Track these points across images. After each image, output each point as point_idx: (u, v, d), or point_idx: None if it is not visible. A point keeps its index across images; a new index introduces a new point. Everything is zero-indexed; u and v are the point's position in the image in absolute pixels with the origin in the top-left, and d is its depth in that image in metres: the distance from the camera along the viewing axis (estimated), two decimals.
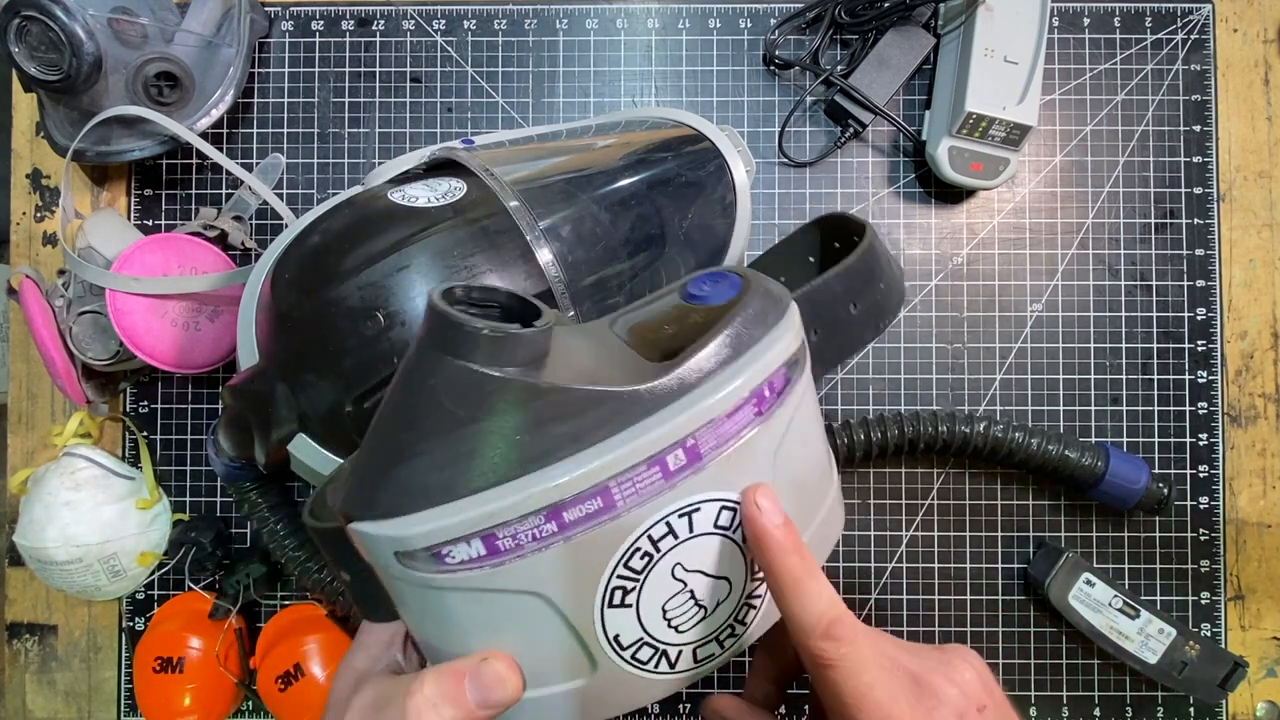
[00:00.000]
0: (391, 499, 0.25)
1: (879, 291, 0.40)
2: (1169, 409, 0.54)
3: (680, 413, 0.25)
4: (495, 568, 0.25)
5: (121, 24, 0.47)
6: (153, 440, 0.54)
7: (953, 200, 0.55)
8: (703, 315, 0.28)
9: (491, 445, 0.24)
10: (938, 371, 0.54)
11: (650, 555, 0.26)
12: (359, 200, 0.41)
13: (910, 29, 0.53)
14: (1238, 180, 0.55)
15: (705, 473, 0.26)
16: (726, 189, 0.46)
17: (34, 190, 0.56)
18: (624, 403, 0.25)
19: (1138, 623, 0.49)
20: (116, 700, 0.54)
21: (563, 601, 0.26)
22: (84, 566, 0.49)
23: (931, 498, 0.54)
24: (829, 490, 0.32)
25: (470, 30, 0.56)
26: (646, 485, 0.25)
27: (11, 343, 0.56)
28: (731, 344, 0.27)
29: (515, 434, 0.24)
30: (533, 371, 0.24)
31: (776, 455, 0.28)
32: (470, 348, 0.24)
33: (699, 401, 0.26)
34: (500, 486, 0.24)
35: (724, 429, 0.26)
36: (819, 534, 0.31)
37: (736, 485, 0.27)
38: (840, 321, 0.38)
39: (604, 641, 0.27)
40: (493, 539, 0.24)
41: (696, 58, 0.56)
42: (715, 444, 0.26)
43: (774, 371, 0.27)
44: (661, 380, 0.25)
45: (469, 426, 0.24)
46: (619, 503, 0.25)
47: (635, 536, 0.26)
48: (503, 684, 0.26)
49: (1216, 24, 0.55)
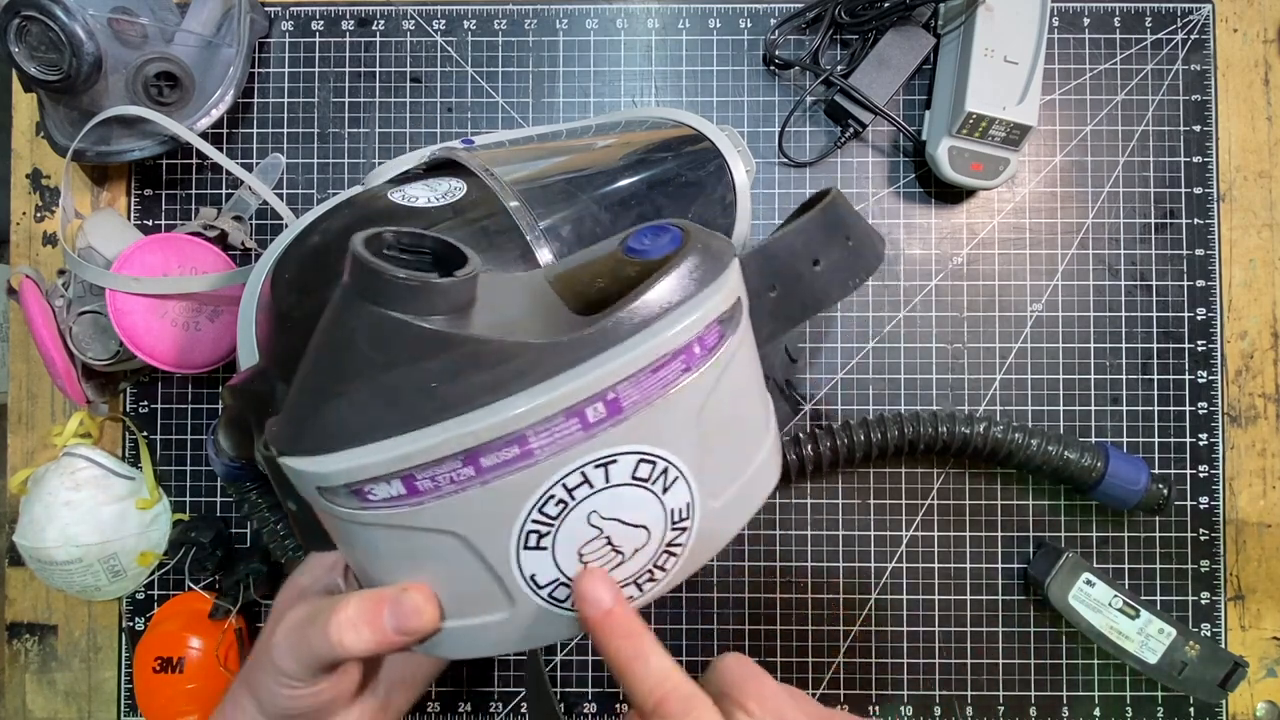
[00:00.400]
0: (314, 438, 0.26)
1: (845, 247, 0.40)
2: (1169, 409, 0.54)
3: (601, 365, 0.25)
4: (414, 507, 0.26)
5: (121, 24, 0.47)
6: (153, 440, 0.54)
7: (953, 200, 0.55)
8: (638, 269, 0.28)
9: (409, 391, 0.25)
10: (938, 371, 0.54)
11: (565, 503, 0.27)
12: (359, 200, 0.41)
13: (910, 29, 0.53)
14: (1238, 180, 0.55)
15: (626, 425, 0.26)
16: (726, 189, 0.46)
17: (34, 190, 0.56)
18: (543, 353, 0.25)
19: (1138, 623, 0.49)
20: (116, 700, 0.54)
21: (479, 541, 0.27)
22: (84, 566, 0.49)
23: (931, 498, 0.54)
24: (761, 446, 0.32)
25: (470, 30, 0.56)
26: (564, 435, 0.26)
27: (11, 343, 0.56)
28: (662, 299, 0.27)
29: (433, 381, 0.25)
30: (455, 321, 0.25)
31: (703, 410, 0.28)
32: (390, 296, 0.24)
33: (622, 355, 0.26)
34: (418, 431, 0.25)
35: (647, 383, 0.26)
36: (743, 493, 0.32)
37: (659, 439, 0.27)
38: (803, 278, 0.38)
39: (520, 581, 0.28)
40: (411, 479, 0.25)
41: (696, 58, 0.56)
42: (638, 398, 0.26)
43: (706, 328, 0.27)
44: (583, 333, 0.26)
45: (388, 372, 0.25)
46: (536, 451, 0.26)
47: (550, 484, 0.26)
48: (419, 614, 0.28)
49: (1216, 24, 0.55)
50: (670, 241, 0.29)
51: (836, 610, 0.54)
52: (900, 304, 0.54)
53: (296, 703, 0.31)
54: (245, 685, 0.33)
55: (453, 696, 0.54)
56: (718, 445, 0.29)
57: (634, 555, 0.29)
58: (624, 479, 0.27)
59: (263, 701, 0.32)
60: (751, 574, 0.54)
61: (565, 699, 0.54)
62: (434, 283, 0.24)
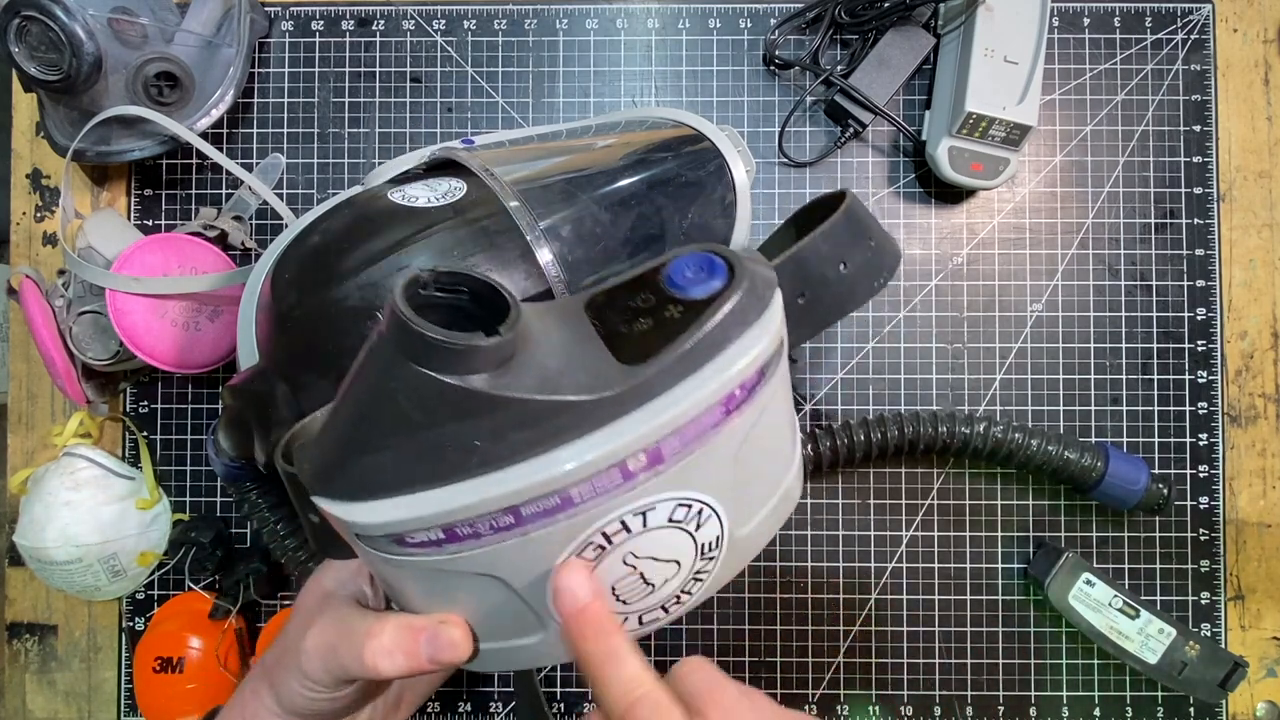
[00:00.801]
0: (353, 485, 0.26)
1: (870, 249, 0.39)
2: (1169, 409, 0.54)
3: (647, 420, 0.25)
4: (453, 554, 0.26)
5: (121, 24, 0.47)
6: (153, 440, 0.54)
7: (953, 200, 0.55)
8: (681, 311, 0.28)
9: (453, 449, 0.24)
10: (938, 371, 0.54)
11: (603, 548, 0.27)
12: (359, 200, 0.41)
13: (910, 29, 0.53)
14: (1238, 180, 0.55)
15: (666, 474, 0.26)
16: (726, 189, 0.46)
17: (34, 190, 0.56)
18: (589, 409, 0.25)
19: (1138, 623, 0.49)
20: (116, 700, 0.54)
21: (516, 582, 0.27)
22: (84, 566, 0.49)
23: (931, 498, 0.54)
24: (790, 469, 0.32)
25: (470, 30, 0.56)
26: (606, 485, 0.25)
27: (11, 343, 0.56)
28: (707, 348, 0.26)
29: (477, 439, 0.24)
30: (499, 379, 0.24)
31: (740, 449, 0.28)
32: (432, 357, 0.23)
33: (667, 409, 0.25)
34: (461, 484, 0.25)
35: (689, 431, 0.26)
36: (770, 515, 0.32)
37: (697, 484, 0.27)
38: (830, 281, 0.38)
39: (554, 611, 0.28)
40: (451, 528, 0.25)
41: (696, 58, 0.56)
42: (679, 447, 0.26)
43: (749, 375, 0.27)
44: (629, 386, 0.25)
45: (431, 430, 0.24)
46: (577, 500, 0.25)
47: (589, 532, 0.26)
48: (455, 648, 0.29)
49: (1216, 24, 0.55)
50: (715, 276, 0.28)
51: (836, 610, 0.54)
52: (900, 304, 0.54)
53: (316, 705, 0.32)
54: (265, 677, 0.33)
55: (453, 696, 0.54)
56: (751, 479, 0.29)
57: (664, 585, 0.29)
58: (660, 523, 0.27)
59: (281, 697, 0.32)
60: (751, 574, 0.54)
61: (564, 699, 0.54)
62: (479, 346, 0.24)
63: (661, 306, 0.28)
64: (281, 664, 0.33)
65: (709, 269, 0.28)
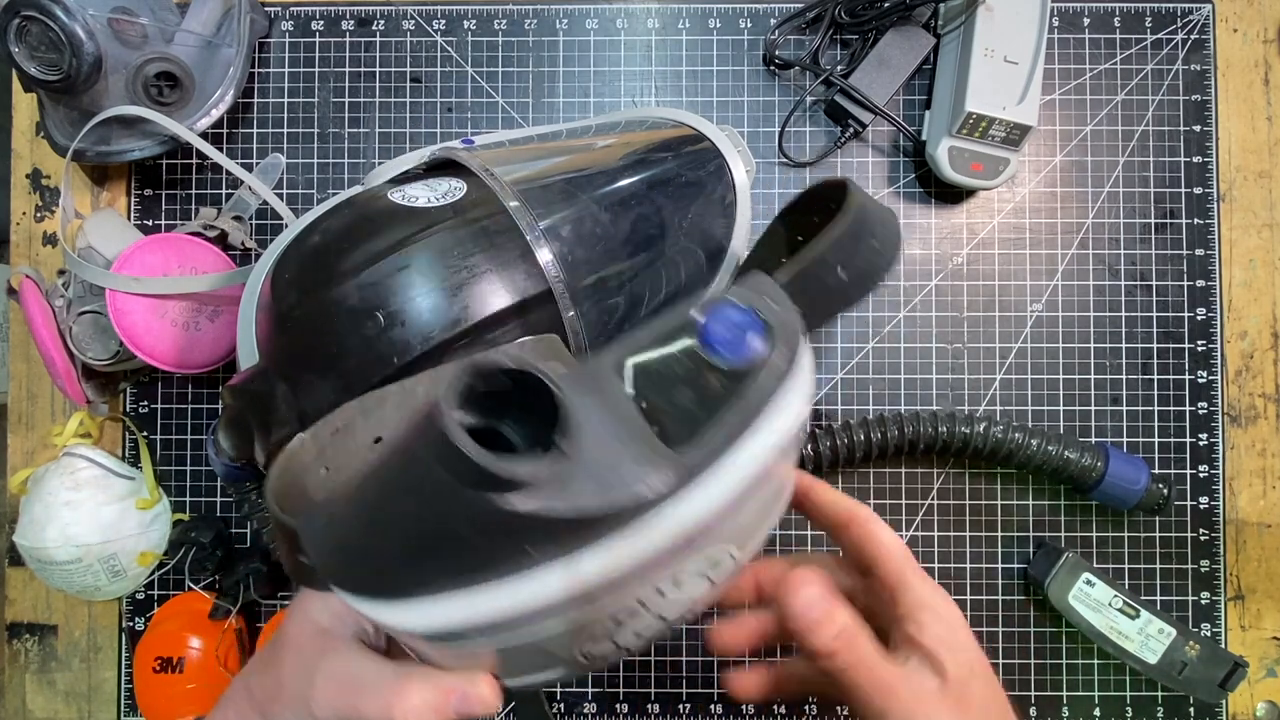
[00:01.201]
0: (390, 588, 0.25)
1: (869, 250, 0.39)
2: (1169, 409, 0.54)
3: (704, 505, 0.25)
4: (494, 638, 0.26)
5: (121, 24, 0.47)
6: (153, 440, 0.54)
7: (953, 200, 0.55)
8: (721, 380, 0.27)
9: (503, 557, 0.24)
10: (938, 371, 0.54)
11: (636, 612, 0.27)
12: (359, 200, 0.41)
13: (910, 29, 0.53)
14: (1238, 180, 0.55)
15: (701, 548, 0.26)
16: (726, 189, 0.46)
17: (34, 190, 0.56)
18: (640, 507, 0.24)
19: (1138, 623, 0.49)
20: (116, 700, 0.54)
21: (552, 645, 0.27)
22: (84, 566, 0.49)
23: (931, 498, 0.54)
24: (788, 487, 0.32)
25: (470, 30, 0.56)
26: (654, 565, 0.25)
27: (11, 343, 0.56)
28: (753, 417, 0.26)
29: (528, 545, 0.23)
30: (551, 495, 0.23)
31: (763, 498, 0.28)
32: (481, 481, 0.22)
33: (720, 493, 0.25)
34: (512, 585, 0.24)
35: (736, 503, 0.26)
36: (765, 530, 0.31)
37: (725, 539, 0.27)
38: (830, 288, 0.37)
39: (580, 657, 0.28)
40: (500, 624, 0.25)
41: (696, 58, 0.56)
42: (726, 516, 0.26)
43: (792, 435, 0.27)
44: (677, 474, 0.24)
45: (480, 541, 0.23)
46: (623, 584, 0.25)
47: (625, 604, 0.26)
48: (485, 705, 0.28)
49: (1216, 24, 0.55)
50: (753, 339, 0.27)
51: None
52: (900, 304, 0.54)
53: None
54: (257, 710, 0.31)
55: None
56: (763, 519, 0.30)
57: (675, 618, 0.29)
58: (688, 579, 0.27)
59: None
60: None
61: (565, 699, 0.54)
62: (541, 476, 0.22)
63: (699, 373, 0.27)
64: (283, 705, 0.30)
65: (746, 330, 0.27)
